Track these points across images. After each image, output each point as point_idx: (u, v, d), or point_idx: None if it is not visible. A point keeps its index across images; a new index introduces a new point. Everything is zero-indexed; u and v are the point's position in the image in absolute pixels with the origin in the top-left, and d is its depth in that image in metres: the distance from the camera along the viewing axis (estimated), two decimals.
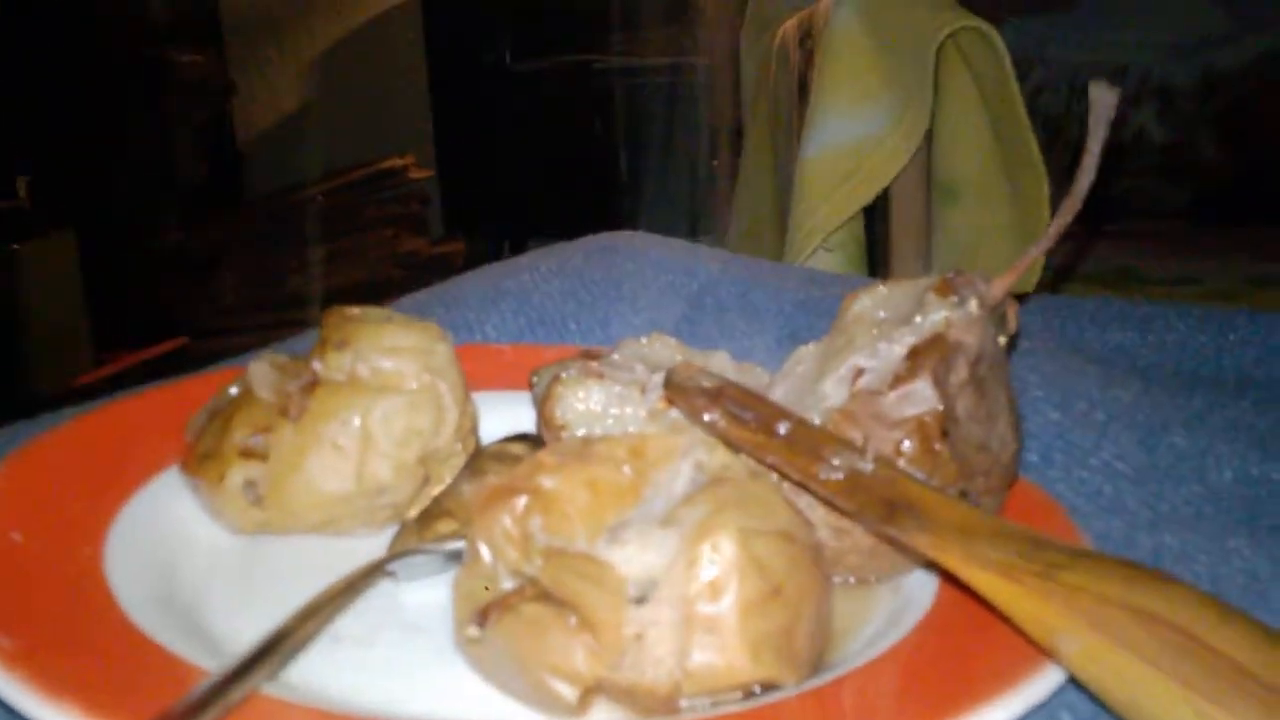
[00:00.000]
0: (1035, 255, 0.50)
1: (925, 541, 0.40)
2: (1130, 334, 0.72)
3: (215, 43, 2.87)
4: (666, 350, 0.60)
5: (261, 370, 0.51)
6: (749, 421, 0.47)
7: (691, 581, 0.39)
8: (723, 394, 0.49)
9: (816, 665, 0.41)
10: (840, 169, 1.29)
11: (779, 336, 0.73)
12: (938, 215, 1.39)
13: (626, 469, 0.43)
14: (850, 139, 1.28)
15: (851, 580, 0.49)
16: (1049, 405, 0.60)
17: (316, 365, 0.50)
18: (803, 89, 1.46)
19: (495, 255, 2.72)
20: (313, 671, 0.41)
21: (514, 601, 0.40)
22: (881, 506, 0.42)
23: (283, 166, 2.88)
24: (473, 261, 2.73)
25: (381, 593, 0.46)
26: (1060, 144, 2.03)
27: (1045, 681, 0.37)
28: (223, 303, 2.76)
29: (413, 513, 0.51)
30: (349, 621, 0.44)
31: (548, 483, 0.42)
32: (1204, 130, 2.10)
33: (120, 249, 2.64)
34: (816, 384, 0.52)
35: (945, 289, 0.50)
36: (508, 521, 0.41)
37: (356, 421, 0.49)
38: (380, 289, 2.59)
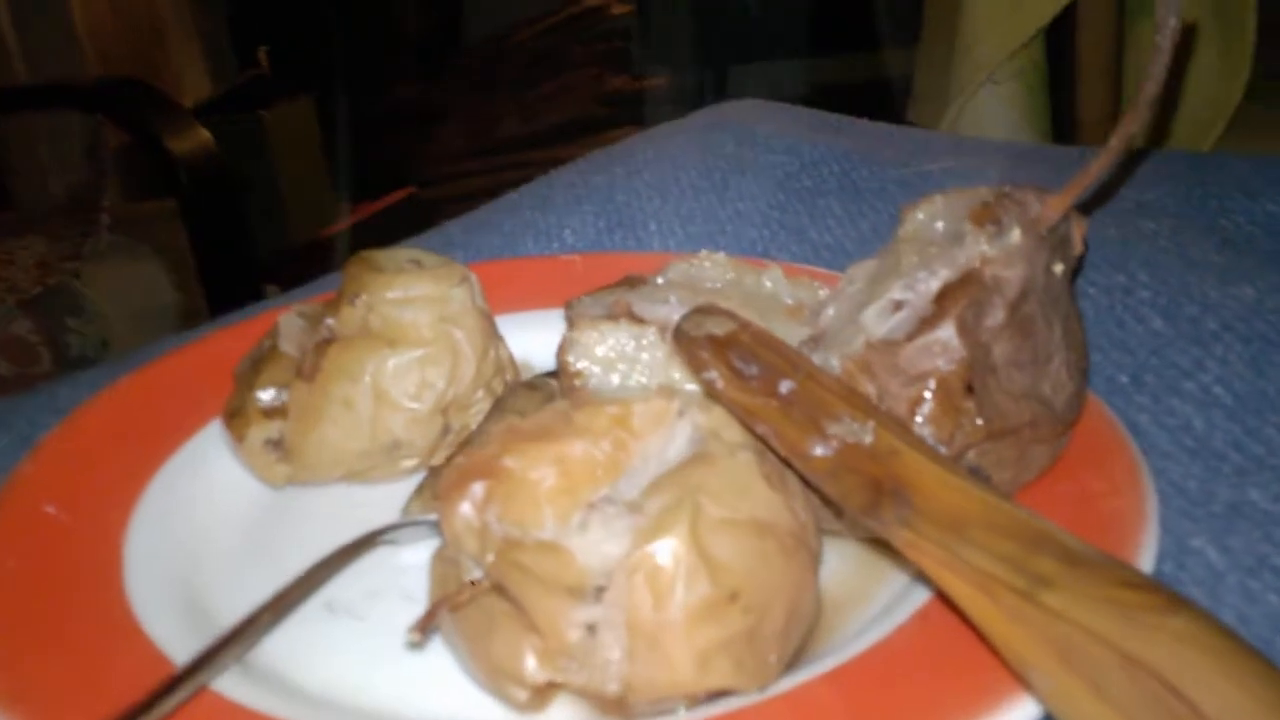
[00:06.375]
0: (1099, 170, 0.41)
1: (904, 538, 0.34)
2: None
3: None
4: (716, 269, 0.54)
5: (289, 323, 0.49)
6: (750, 379, 0.41)
7: (635, 589, 0.34)
8: (732, 342, 0.43)
9: (791, 662, 0.36)
10: None
11: (875, 223, 0.65)
12: (1130, 32, 1.20)
13: (605, 443, 0.39)
14: None
15: None
16: (1154, 311, 0.51)
17: (330, 321, 0.47)
18: None
19: (698, 87, 2.61)
20: (299, 647, 0.39)
21: (469, 596, 0.37)
22: (867, 491, 0.36)
23: (495, 14, 2.84)
24: (675, 95, 2.64)
25: (384, 555, 0.44)
26: None
27: (1023, 713, 0.31)
28: (445, 151, 2.80)
29: (438, 460, 0.48)
30: (349, 586, 0.42)
31: (511, 463, 0.38)
32: None
33: (353, 108, 2.70)
34: (860, 312, 0.45)
35: (983, 215, 0.42)
36: (467, 509, 0.37)
37: (367, 378, 0.46)
38: (587, 127, 2.56)
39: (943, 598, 0.36)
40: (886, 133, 0.79)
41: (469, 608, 0.37)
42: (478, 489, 0.37)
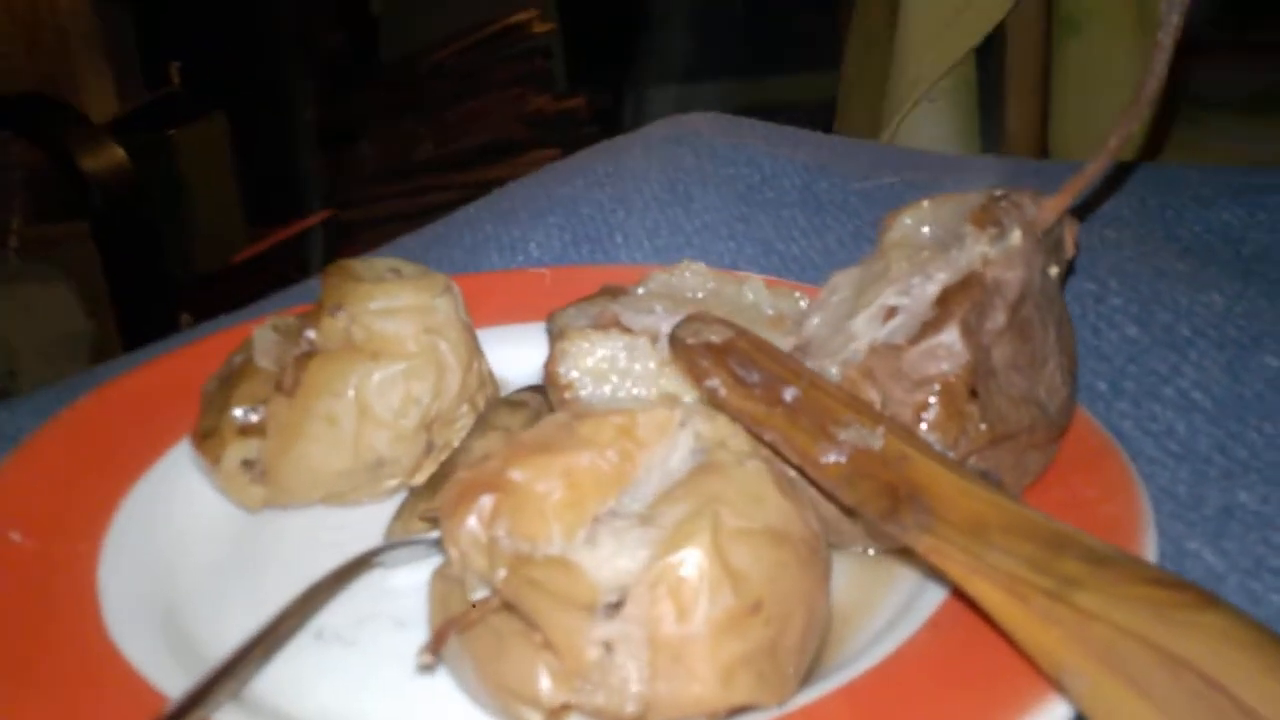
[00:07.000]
0: (1095, 172, 0.41)
1: (927, 544, 0.34)
2: (1238, 212, 0.61)
3: None
4: (697, 279, 0.54)
5: (264, 336, 0.47)
6: (753, 387, 0.41)
7: (657, 602, 0.34)
8: (730, 349, 0.42)
9: (808, 674, 0.36)
10: (948, 6, 1.15)
11: (840, 235, 0.66)
12: (1058, 50, 1.24)
13: (611, 453, 0.38)
14: None
15: (870, 552, 0.43)
16: (1127, 318, 0.52)
17: (310, 334, 0.46)
18: None
19: (617, 108, 2.62)
20: (288, 677, 0.38)
21: (478, 615, 0.36)
22: (884, 498, 0.36)
23: (413, 31, 2.81)
24: (597, 117, 2.65)
25: (371, 579, 0.42)
26: None
27: (1055, 714, 0.31)
28: (363, 172, 2.76)
29: (420, 479, 0.47)
30: (336, 613, 0.41)
31: (518, 476, 0.37)
32: None
33: (268, 127, 2.64)
34: (849, 319, 0.46)
35: (983, 217, 0.42)
36: (474, 524, 0.36)
37: (351, 393, 0.45)
38: (508, 149, 2.55)
39: (958, 603, 0.37)
40: (842, 146, 0.80)
41: (476, 628, 0.36)
42: (486, 503, 0.36)
